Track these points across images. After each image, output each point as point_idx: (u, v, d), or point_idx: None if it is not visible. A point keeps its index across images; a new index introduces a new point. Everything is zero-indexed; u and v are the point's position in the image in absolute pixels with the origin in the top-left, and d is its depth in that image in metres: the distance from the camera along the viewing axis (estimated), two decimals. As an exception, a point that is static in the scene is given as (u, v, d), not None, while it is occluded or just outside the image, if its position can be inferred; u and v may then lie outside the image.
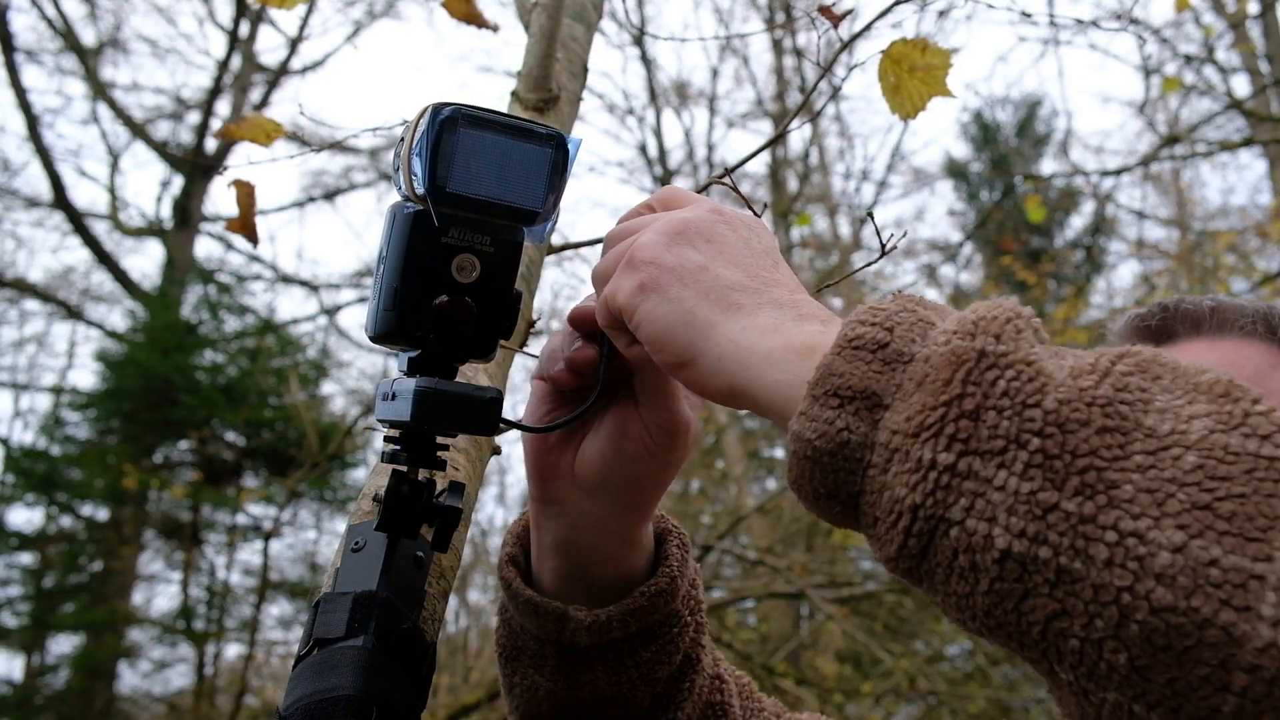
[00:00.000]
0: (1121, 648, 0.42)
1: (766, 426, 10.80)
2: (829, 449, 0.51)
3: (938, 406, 0.48)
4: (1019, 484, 0.45)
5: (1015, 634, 0.45)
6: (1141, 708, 0.42)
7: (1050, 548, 0.44)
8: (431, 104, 0.67)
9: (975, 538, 0.45)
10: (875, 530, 0.50)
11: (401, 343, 0.72)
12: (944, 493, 0.47)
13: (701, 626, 0.85)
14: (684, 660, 0.82)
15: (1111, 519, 0.43)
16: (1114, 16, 4.89)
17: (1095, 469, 0.44)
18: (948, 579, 0.47)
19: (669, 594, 0.79)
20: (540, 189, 0.69)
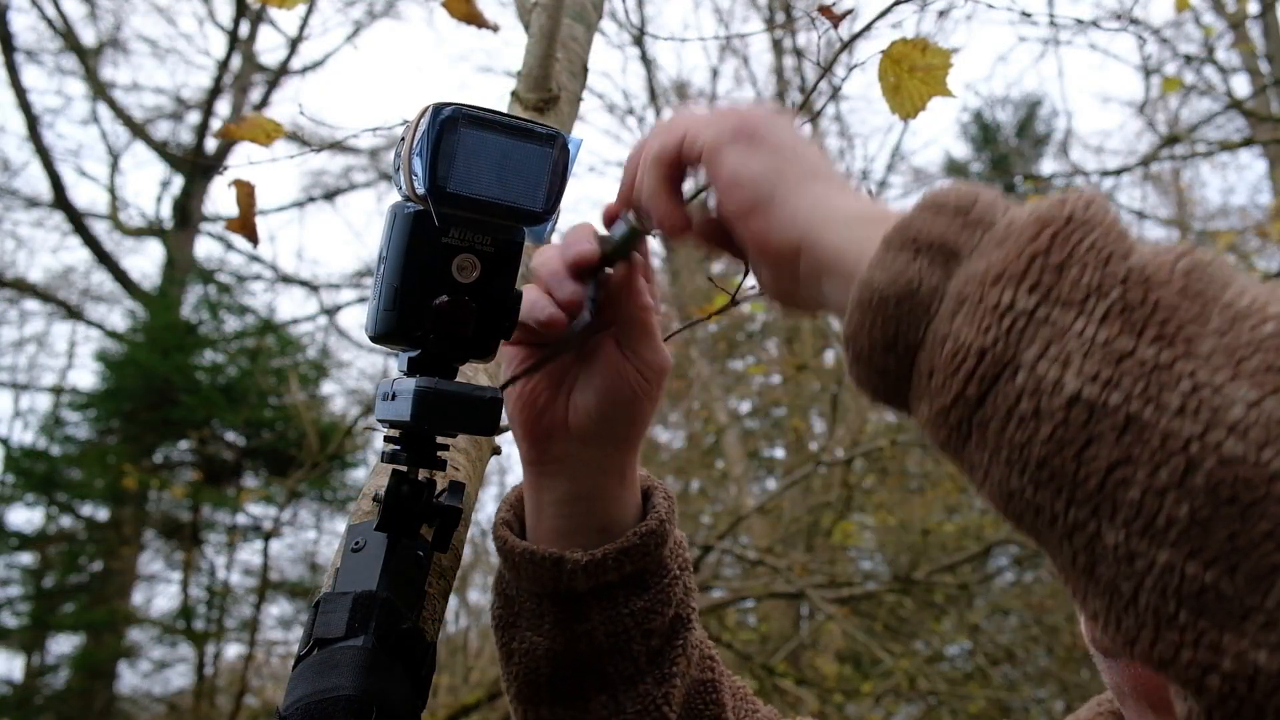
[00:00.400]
0: (1185, 499, 0.41)
1: (766, 426, 10.81)
2: (897, 295, 0.51)
3: (1021, 257, 0.48)
4: (1096, 331, 0.45)
5: (1068, 486, 0.44)
6: (1196, 566, 0.41)
7: (1122, 393, 0.43)
8: (432, 104, 0.67)
9: (1045, 382, 0.45)
10: (929, 386, 0.50)
11: (401, 343, 0.72)
12: (1017, 335, 0.46)
13: (690, 590, 0.87)
14: (676, 617, 0.85)
15: (1188, 368, 0.43)
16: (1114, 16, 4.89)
17: (1175, 322, 0.44)
18: (1004, 427, 0.46)
19: (659, 536, 0.82)
20: (541, 189, 0.69)
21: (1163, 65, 7.87)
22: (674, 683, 0.83)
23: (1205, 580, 0.41)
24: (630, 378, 0.79)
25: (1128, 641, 0.44)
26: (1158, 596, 0.42)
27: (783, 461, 10.32)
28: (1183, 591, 0.41)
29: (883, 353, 0.52)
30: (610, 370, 0.79)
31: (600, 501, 0.81)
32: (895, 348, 0.52)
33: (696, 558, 5.72)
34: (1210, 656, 0.41)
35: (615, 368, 0.79)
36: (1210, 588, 0.41)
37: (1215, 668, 0.41)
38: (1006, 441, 0.46)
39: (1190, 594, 0.41)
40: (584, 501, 0.81)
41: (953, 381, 0.48)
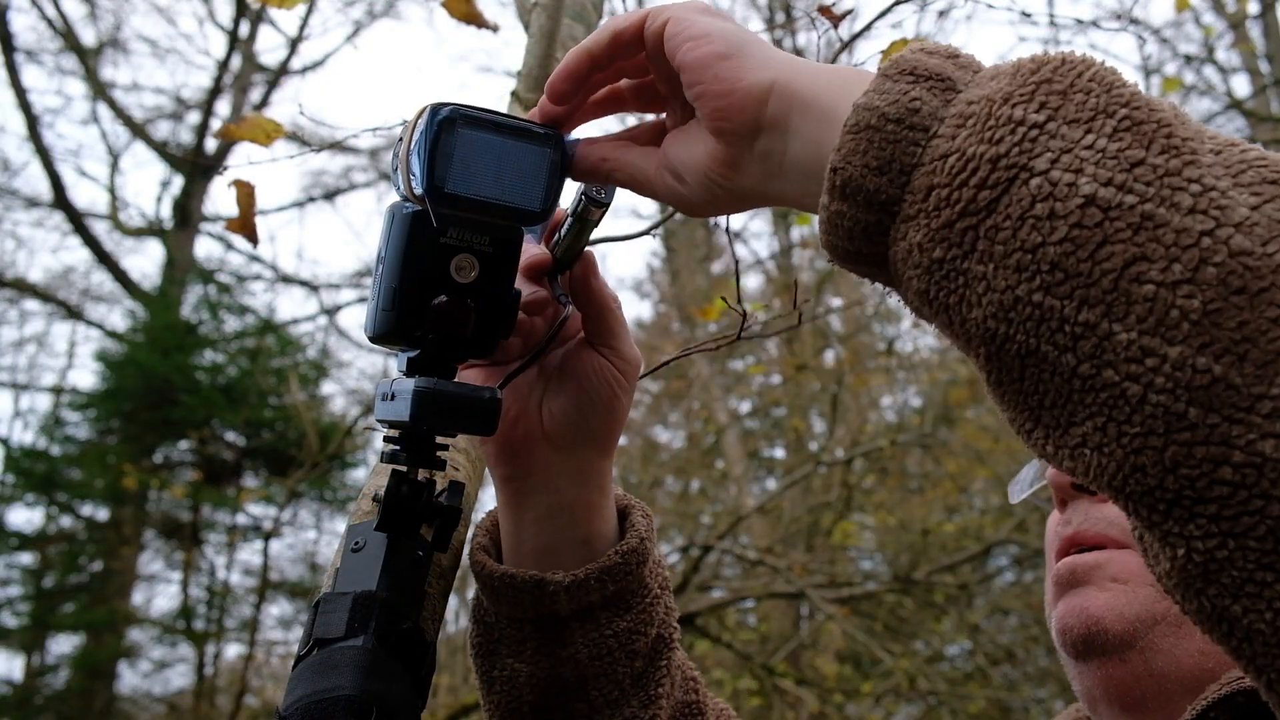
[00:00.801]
0: (1196, 291, 0.43)
1: (766, 426, 10.81)
2: (896, 115, 0.52)
3: (1027, 84, 0.50)
4: (1107, 144, 0.47)
5: (1082, 286, 0.46)
6: (1207, 358, 0.43)
7: (1136, 195, 0.45)
8: (430, 104, 0.67)
9: (1059, 186, 0.46)
10: (925, 204, 0.50)
11: (400, 343, 0.72)
12: (1029, 144, 0.48)
13: (671, 610, 0.86)
14: (659, 638, 0.84)
15: (1196, 174, 0.46)
16: (1114, 16, 4.89)
17: (1179, 137, 0.47)
18: (1017, 231, 0.47)
19: (640, 554, 0.81)
20: (539, 189, 0.69)
21: (1163, 65, 7.88)
22: (659, 704, 0.82)
23: (1215, 372, 0.43)
24: (606, 375, 0.78)
25: (1129, 453, 0.45)
26: (1168, 395, 0.43)
27: (783, 461, 10.31)
28: (1193, 385, 0.43)
29: (875, 175, 0.52)
30: (584, 370, 0.78)
31: (582, 512, 0.80)
32: (889, 169, 0.52)
33: (696, 558, 5.71)
34: (1222, 451, 0.42)
35: (588, 367, 0.78)
36: (1220, 379, 0.43)
37: (1227, 460, 0.42)
38: (1019, 245, 0.47)
39: (1200, 387, 0.43)
40: (566, 514, 0.80)
41: (961, 191, 0.49)
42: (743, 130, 0.60)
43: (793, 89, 0.59)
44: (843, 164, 0.53)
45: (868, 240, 0.53)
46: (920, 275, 0.51)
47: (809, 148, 0.58)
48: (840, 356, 8.00)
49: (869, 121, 0.52)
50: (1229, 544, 0.43)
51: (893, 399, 9.56)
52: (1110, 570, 0.83)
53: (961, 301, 0.49)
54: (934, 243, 0.50)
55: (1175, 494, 0.44)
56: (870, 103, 0.53)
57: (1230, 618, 0.44)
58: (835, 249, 0.55)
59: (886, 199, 0.52)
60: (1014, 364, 0.48)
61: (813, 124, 0.58)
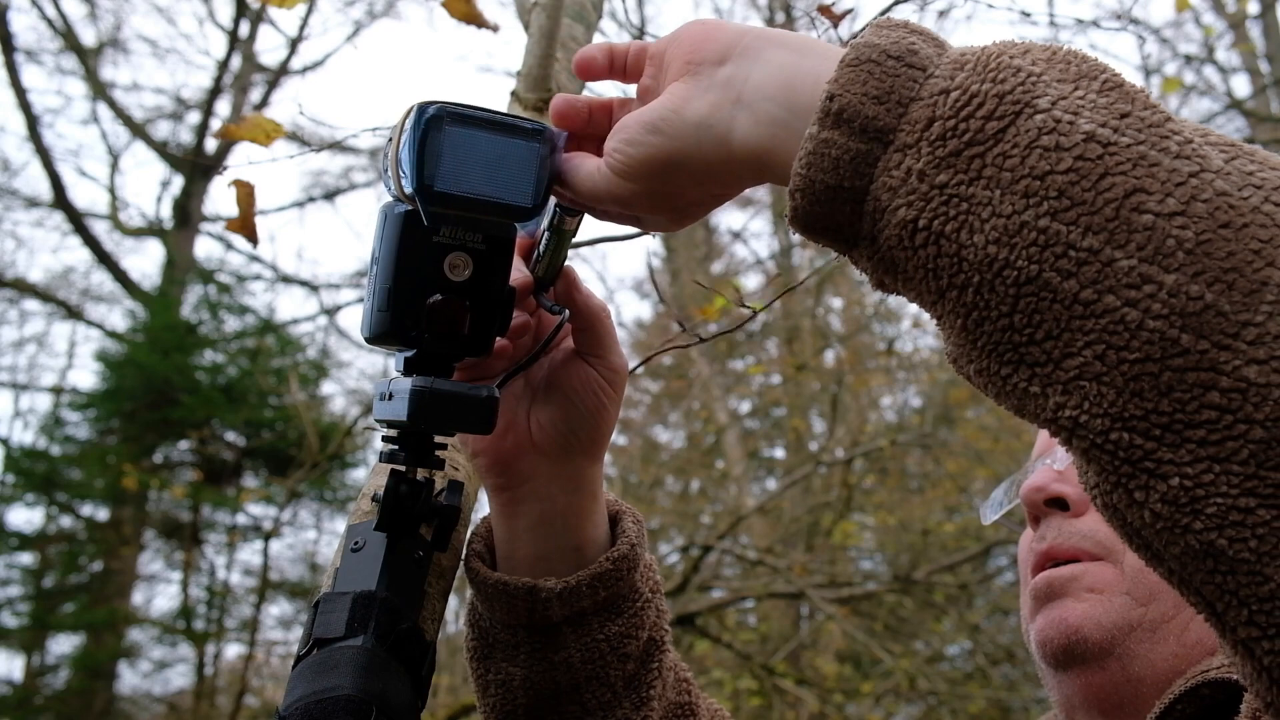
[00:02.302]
0: (1189, 223, 0.47)
1: (766, 427, 10.81)
2: (896, 53, 0.54)
3: (1015, 47, 0.54)
4: (1096, 97, 0.51)
5: (1087, 213, 0.48)
6: (1200, 285, 0.46)
7: (1130, 138, 0.49)
8: (417, 103, 0.67)
9: (1061, 123, 0.50)
10: (927, 132, 0.52)
11: (397, 343, 0.72)
12: (1032, 86, 0.51)
13: (663, 613, 0.87)
14: (650, 640, 0.85)
15: (1176, 128, 0.50)
16: (1114, 16, 4.88)
17: (1153, 101, 0.51)
18: (1025, 158, 0.50)
19: (631, 560, 0.82)
20: (529, 184, 0.69)
21: (1163, 65, 7.88)
22: (651, 706, 0.84)
23: (1207, 299, 0.46)
24: (593, 383, 0.79)
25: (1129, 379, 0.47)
26: (1164, 321, 0.46)
27: (783, 461, 10.31)
28: (1187, 311, 0.46)
29: (873, 103, 0.53)
30: (570, 381, 0.79)
31: (574, 519, 0.81)
32: (887, 99, 0.54)
33: (696, 558, 5.71)
34: (1210, 376, 0.45)
35: (575, 377, 0.79)
36: (1210, 306, 0.46)
37: (1215, 385, 0.45)
38: (1028, 172, 0.49)
39: (1193, 313, 0.46)
40: (558, 521, 0.81)
41: (967, 124, 0.51)
42: (714, 56, 0.61)
43: (771, 31, 0.62)
44: (840, 91, 0.54)
45: (854, 171, 0.54)
46: (914, 202, 0.52)
47: (778, 71, 0.59)
48: (840, 356, 8.01)
49: (869, 56, 0.55)
50: (1214, 468, 0.45)
51: (893, 399, 9.56)
52: (1086, 581, 0.85)
53: (961, 228, 0.50)
54: (937, 168, 0.51)
55: (1169, 417, 0.46)
56: (869, 40, 0.56)
57: (1216, 551, 0.46)
58: (812, 186, 0.55)
59: (883, 127, 0.53)
60: (1008, 294, 0.49)
61: (785, 53, 0.60)
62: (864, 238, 0.55)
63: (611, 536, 0.85)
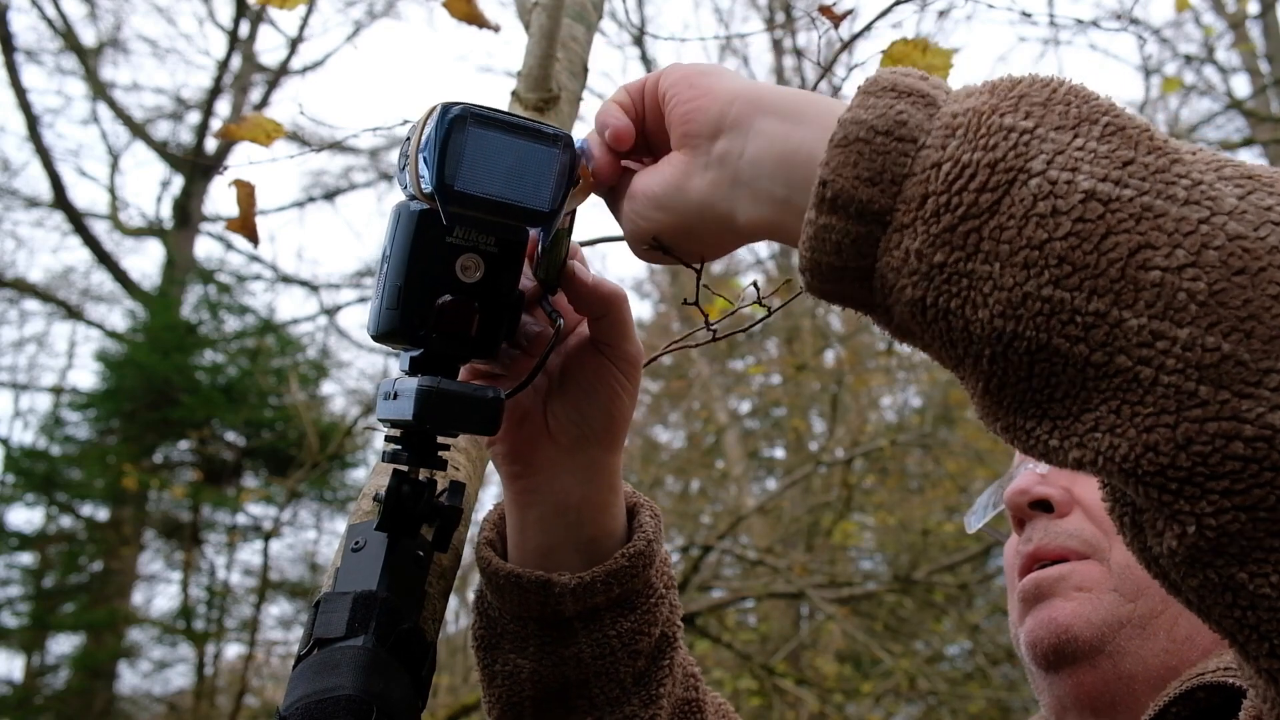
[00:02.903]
0: (1201, 274, 0.45)
1: (766, 426, 10.81)
2: (885, 128, 0.53)
3: (1009, 97, 0.52)
4: (1097, 145, 0.49)
5: (1091, 277, 0.47)
6: (1216, 336, 0.45)
7: (1133, 189, 0.48)
8: (440, 102, 0.67)
9: (1058, 185, 0.48)
10: (921, 210, 0.51)
11: (404, 341, 0.72)
12: (1024, 148, 0.50)
13: (676, 608, 0.86)
14: (662, 637, 0.84)
15: (1184, 170, 0.48)
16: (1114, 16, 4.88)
17: (1160, 139, 0.50)
18: (1021, 229, 0.48)
19: (647, 557, 0.81)
20: (548, 190, 0.69)
21: (1163, 65, 7.88)
22: (660, 704, 0.83)
23: (1224, 349, 0.44)
24: (605, 374, 0.78)
25: (1142, 431, 0.46)
26: (1179, 375, 0.45)
27: (783, 461, 10.31)
28: (1203, 364, 0.45)
29: (866, 186, 0.52)
30: (584, 371, 0.78)
31: (589, 511, 0.80)
32: (880, 179, 0.52)
33: (696, 558, 5.71)
34: (1233, 426, 0.44)
35: (589, 367, 0.78)
36: (1229, 356, 0.44)
37: (1238, 435, 0.44)
38: (1026, 242, 0.48)
39: (1210, 365, 0.45)
40: (573, 512, 0.80)
41: (961, 196, 0.50)
42: (706, 129, 0.62)
43: (759, 96, 0.61)
44: (833, 176, 0.53)
45: (856, 253, 0.54)
46: (918, 282, 0.51)
47: (771, 145, 0.59)
48: (840, 356, 8.00)
49: (857, 134, 0.53)
50: (1240, 517, 0.44)
51: (893, 399, 9.56)
52: (1074, 580, 0.85)
53: (965, 304, 0.50)
54: (934, 247, 0.50)
55: (1188, 471, 0.45)
56: (856, 117, 0.54)
57: (1236, 585, 0.45)
58: (819, 267, 0.55)
59: (879, 209, 0.52)
60: (1022, 361, 0.49)
61: (775, 123, 0.59)
62: (878, 307, 0.55)
63: (628, 530, 0.84)
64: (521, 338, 0.77)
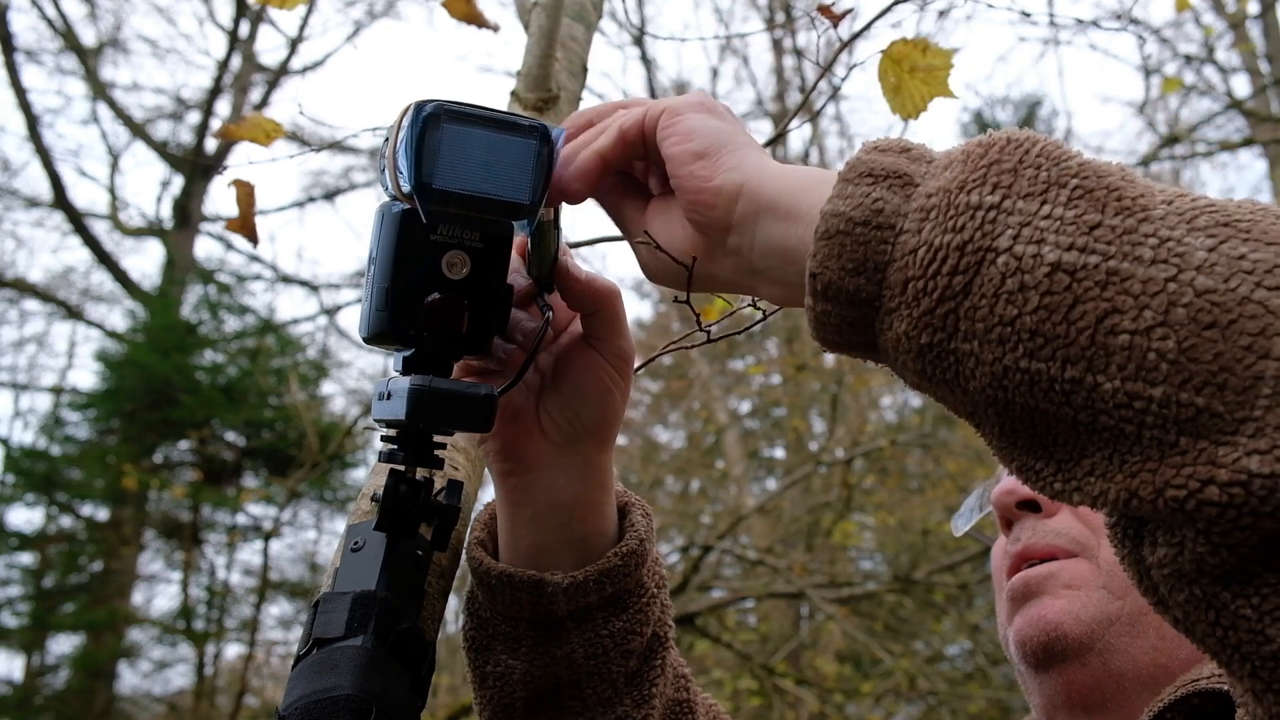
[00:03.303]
0: (1170, 333, 0.46)
1: (766, 426, 10.81)
2: (863, 218, 0.55)
3: (978, 169, 0.53)
4: (1064, 211, 0.50)
5: (1062, 347, 0.48)
6: (1189, 393, 0.46)
7: (1099, 255, 0.48)
8: (414, 101, 0.67)
9: (1024, 259, 0.49)
10: (903, 296, 0.53)
11: (395, 342, 0.72)
12: (990, 226, 0.51)
13: (667, 608, 0.86)
14: (654, 637, 0.84)
15: (1150, 229, 0.49)
16: (1114, 16, 4.88)
17: (1129, 197, 0.50)
18: (993, 307, 0.50)
19: (639, 556, 0.81)
20: (526, 181, 0.69)
21: (1163, 65, 7.88)
22: (653, 704, 0.83)
23: (1199, 404, 0.45)
24: (597, 370, 0.78)
25: (1128, 477, 0.48)
26: (1160, 430, 0.46)
27: (783, 461, 10.31)
28: (1181, 419, 0.46)
29: (852, 276, 0.55)
30: (575, 367, 0.78)
31: (581, 510, 0.80)
32: (864, 269, 0.54)
33: (696, 558, 5.71)
34: (1208, 471, 0.45)
35: (580, 363, 0.78)
36: (1204, 409, 0.45)
37: (1214, 480, 0.45)
38: (997, 320, 0.50)
39: (1187, 419, 0.46)
40: (565, 511, 0.79)
41: (936, 280, 0.52)
42: (715, 226, 0.64)
43: (758, 193, 0.62)
44: (820, 269, 0.56)
45: (856, 333, 0.57)
46: (914, 359, 0.54)
47: (773, 245, 0.62)
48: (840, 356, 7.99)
49: (838, 227, 0.55)
50: (1221, 552, 0.46)
51: (893, 399, 9.56)
52: (1063, 578, 0.86)
53: (957, 377, 0.53)
54: (919, 330, 0.53)
55: (1169, 515, 0.47)
56: (836, 209, 0.56)
57: (1219, 604, 0.47)
58: (827, 342, 0.59)
59: (867, 296, 0.55)
60: (1020, 419, 0.51)
61: (775, 223, 0.61)
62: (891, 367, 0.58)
63: (620, 529, 0.84)
64: (516, 333, 0.77)
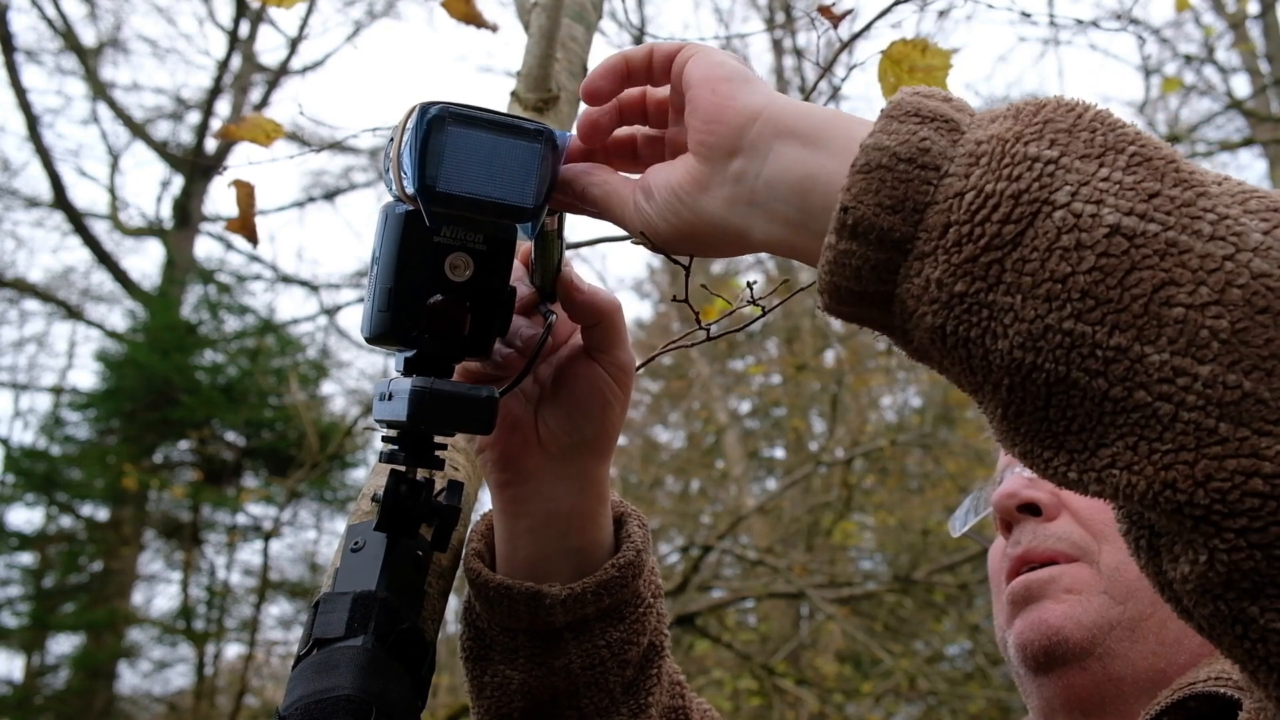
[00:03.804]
0: (1224, 312, 0.45)
1: (766, 426, 10.81)
2: (908, 155, 0.52)
3: (1034, 124, 0.51)
4: (1122, 176, 0.49)
5: (1113, 312, 0.47)
6: (1237, 374, 0.45)
7: (1158, 224, 0.47)
8: (418, 103, 0.67)
9: (1082, 218, 0.48)
10: (943, 239, 0.51)
11: (397, 343, 0.72)
12: (1049, 179, 0.49)
13: (663, 617, 0.86)
14: (650, 646, 0.84)
15: (1209, 204, 0.48)
16: (1114, 16, 4.89)
17: (1186, 170, 0.49)
18: (1045, 262, 0.48)
19: (636, 567, 0.81)
20: (530, 185, 0.69)
21: (1163, 65, 7.88)
22: (649, 713, 0.83)
23: (1245, 387, 0.44)
24: (598, 381, 0.78)
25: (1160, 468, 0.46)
26: (1199, 412, 0.45)
27: (783, 461, 10.31)
28: (1224, 401, 0.45)
29: (888, 214, 0.52)
30: (576, 378, 0.78)
31: (578, 521, 0.80)
32: (902, 208, 0.52)
33: (696, 558, 5.71)
34: (1252, 463, 0.44)
35: (581, 375, 0.78)
36: (1250, 394, 0.44)
37: (1257, 472, 0.44)
38: (1049, 275, 0.48)
39: (1231, 403, 0.45)
40: (562, 522, 0.80)
41: (985, 227, 0.50)
42: (723, 145, 0.61)
43: (781, 116, 0.60)
44: (854, 203, 0.53)
45: (876, 279, 0.54)
46: (938, 310, 0.51)
47: (788, 170, 0.58)
48: (840, 356, 8.00)
49: (880, 161, 0.53)
50: (1256, 555, 0.44)
51: (893, 399, 9.56)
52: (1064, 583, 0.85)
53: (986, 334, 0.50)
54: (955, 277, 0.50)
55: (1206, 508, 0.45)
56: (879, 143, 0.53)
57: (1247, 619, 0.46)
58: (838, 291, 0.55)
59: (900, 237, 0.52)
60: (1040, 393, 0.49)
61: (794, 148, 0.58)
62: (896, 329, 0.56)
63: (616, 540, 0.84)
64: (515, 339, 0.78)
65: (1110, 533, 0.86)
